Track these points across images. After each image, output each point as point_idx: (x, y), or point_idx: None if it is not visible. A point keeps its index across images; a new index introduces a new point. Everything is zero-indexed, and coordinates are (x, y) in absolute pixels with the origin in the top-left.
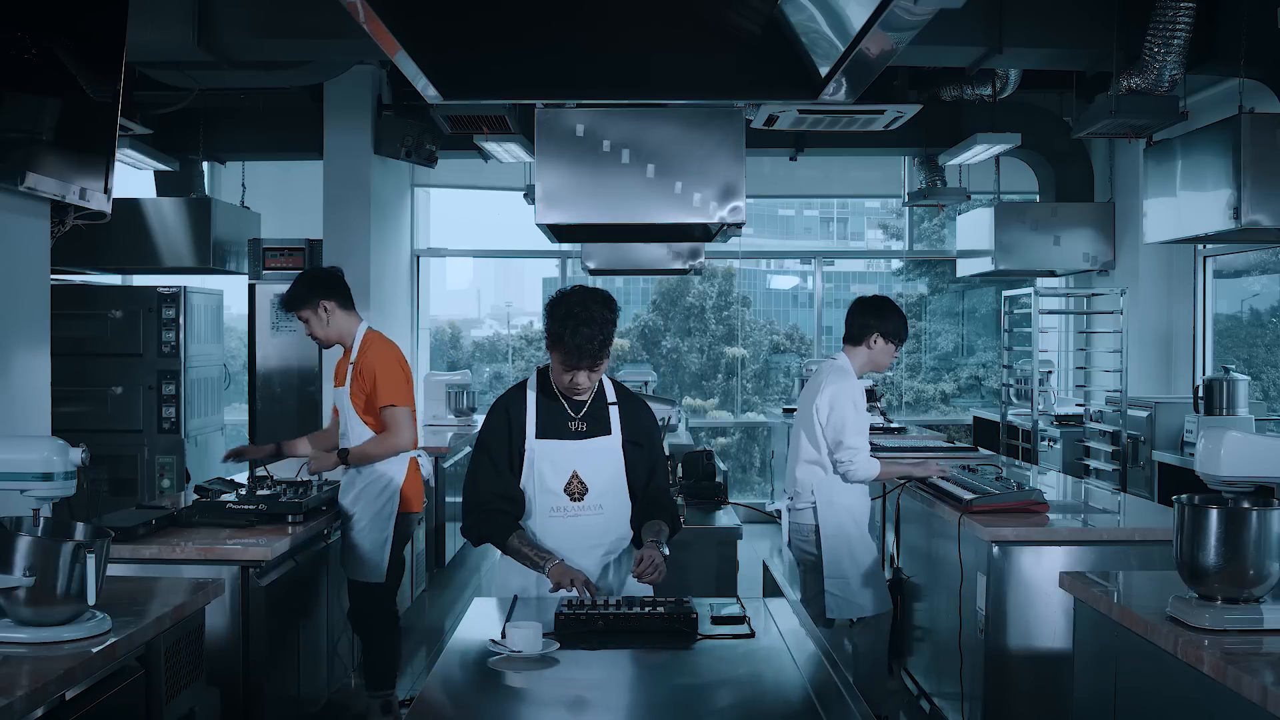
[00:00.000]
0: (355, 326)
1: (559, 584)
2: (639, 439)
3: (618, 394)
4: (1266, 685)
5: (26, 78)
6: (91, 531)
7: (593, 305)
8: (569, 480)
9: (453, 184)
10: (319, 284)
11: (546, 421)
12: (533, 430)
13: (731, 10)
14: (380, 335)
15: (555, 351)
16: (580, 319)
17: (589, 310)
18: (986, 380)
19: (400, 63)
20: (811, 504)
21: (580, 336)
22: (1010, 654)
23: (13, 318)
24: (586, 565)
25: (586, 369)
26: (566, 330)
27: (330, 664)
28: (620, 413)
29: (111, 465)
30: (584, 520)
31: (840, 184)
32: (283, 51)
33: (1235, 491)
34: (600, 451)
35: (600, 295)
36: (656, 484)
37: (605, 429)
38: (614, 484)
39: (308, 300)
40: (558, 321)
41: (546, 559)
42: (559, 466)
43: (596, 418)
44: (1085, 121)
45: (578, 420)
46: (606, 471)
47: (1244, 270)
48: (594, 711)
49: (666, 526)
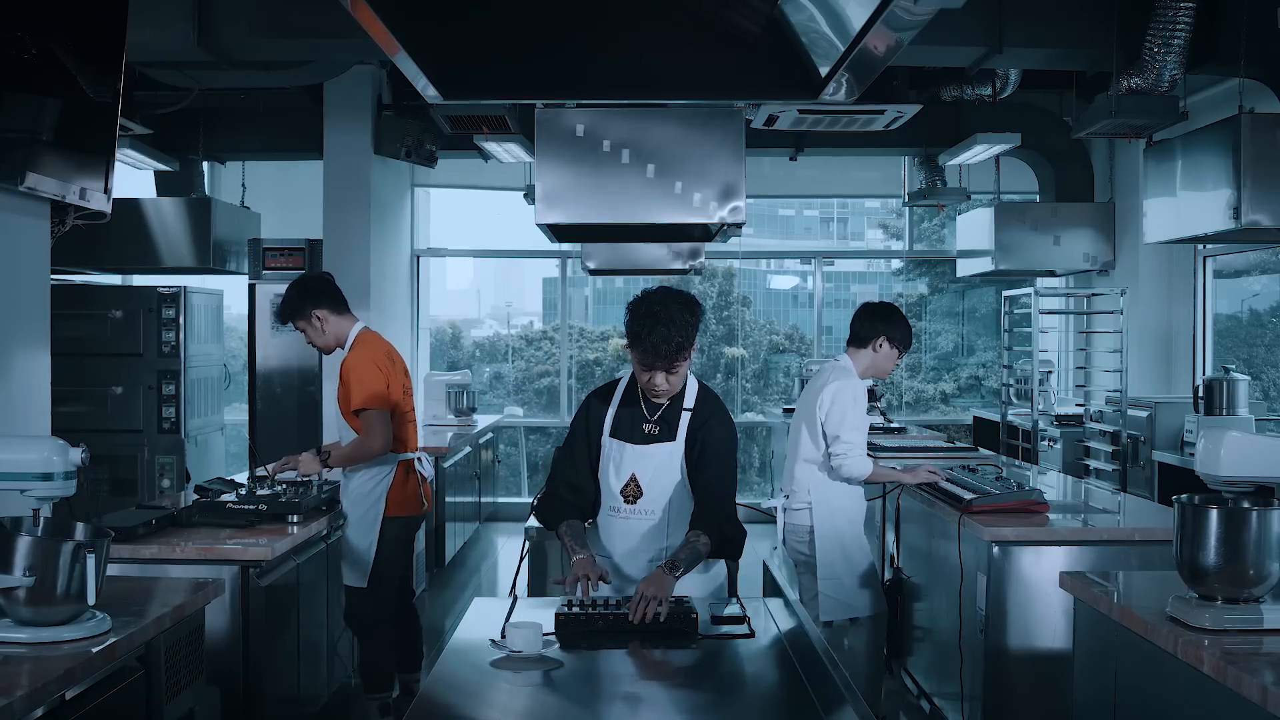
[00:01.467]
0: (349, 328)
1: (576, 577)
2: (702, 446)
3: (698, 399)
4: (1266, 685)
5: (26, 78)
6: (91, 531)
7: (673, 306)
8: (627, 482)
9: (453, 184)
10: (309, 293)
11: (623, 421)
12: (608, 428)
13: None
14: (369, 335)
15: (633, 350)
16: (659, 318)
17: (669, 310)
18: (986, 380)
19: (400, 63)
20: (807, 505)
21: (657, 336)
22: (1010, 654)
23: (13, 318)
24: (632, 569)
25: (663, 370)
26: (645, 329)
27: (330, 664)
28: (692, 419)
29: (111, 465)
30: (634, 523)
31: (840, 184)
32: (283, 51)
33: (1235, 491)
34: (661, 457)
35: (683, 297)
36: (715, 491)
37: (671, 435)
38: (671, 491)
39: (300, 311)
40: (637, 320)
41: (576, 552)
42: (621, 467)
43: (668, 422)
44: (1085, 121)
45: (651, 423)
46: (664, 478)
47: (1244, 270)
48: (594, 712)
49: (707, 541)
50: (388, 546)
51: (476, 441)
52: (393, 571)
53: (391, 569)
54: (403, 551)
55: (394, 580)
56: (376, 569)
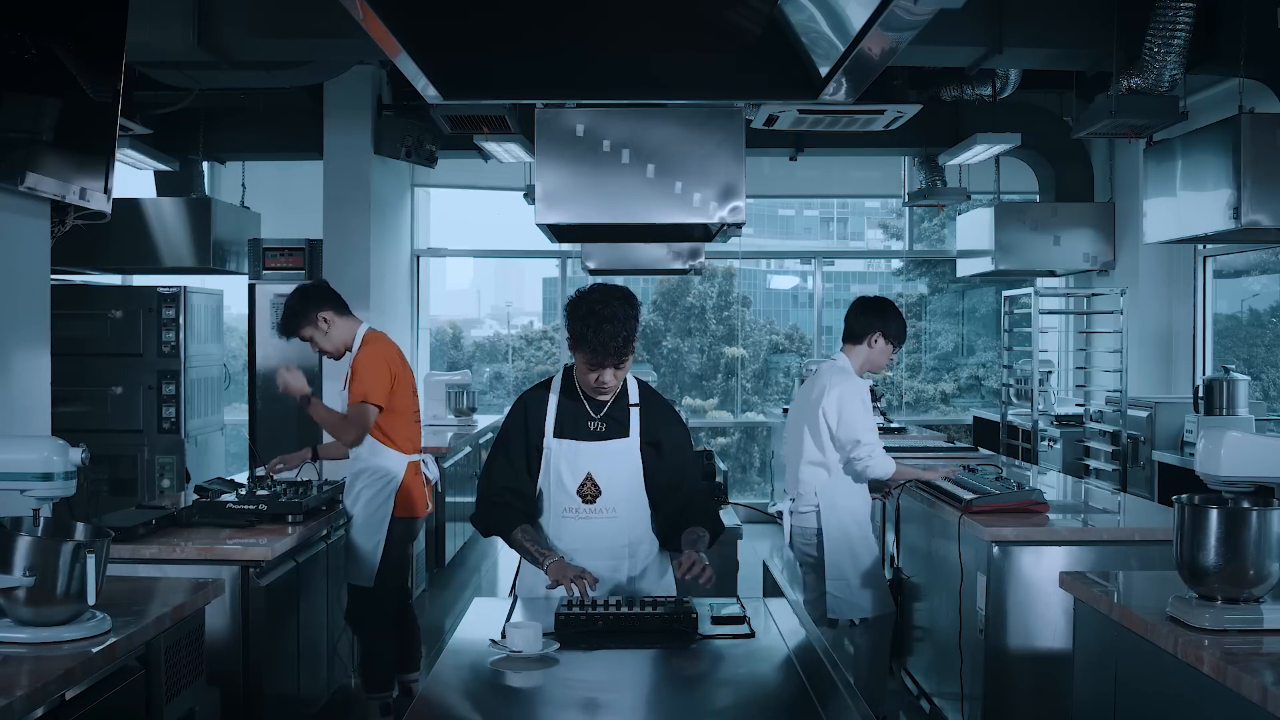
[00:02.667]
0: (355, 329)
1: (556, 581)
2: (658, 441)
3: (641, 395)
4: (1266, 685)
5: (26, 78)
6: (91, 531)
7: (614, 302)
8: (583, 482)
9: (453, 184)
10: (313, 298)
11: (565, 420)
12: (551, 429)
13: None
14: (379, 335)
15: (579, 351)
16: (602, 316)
17: (610, 307)
18: (986, 380)
19: (400, 63)
20: (815, 508)
21: (603, 334)
22: (1010, 654)
23: (13, 318)
24: (596, 568)
25: (611, 367)
26: (589, 329)
27: (330, 664)
28: (641, 414)
29: (111, 465)
30: (596, 523)
31: (840, 184)
32: (283, 51)
33: (1235, 491)
34: (616, 454)
35: (621, 292)
36: (691, 487)
37: (624, 431)
38: (629, 488)
39: (305, 316)
40: (579, 320)
41: (546, 556)
42: (574, 467)
43: (616, 419)
44: (1085, 121)
45: (597, 421)
46: (622, 475)
47: (1244, 270)
48: (594, 712)
49: (707, 534)
50: (394, 547)
51: (476, 441)
52: (397, 572)
53: (396, 569)
54: (407, 553)
55: (398, 581)
56: (382, 569)
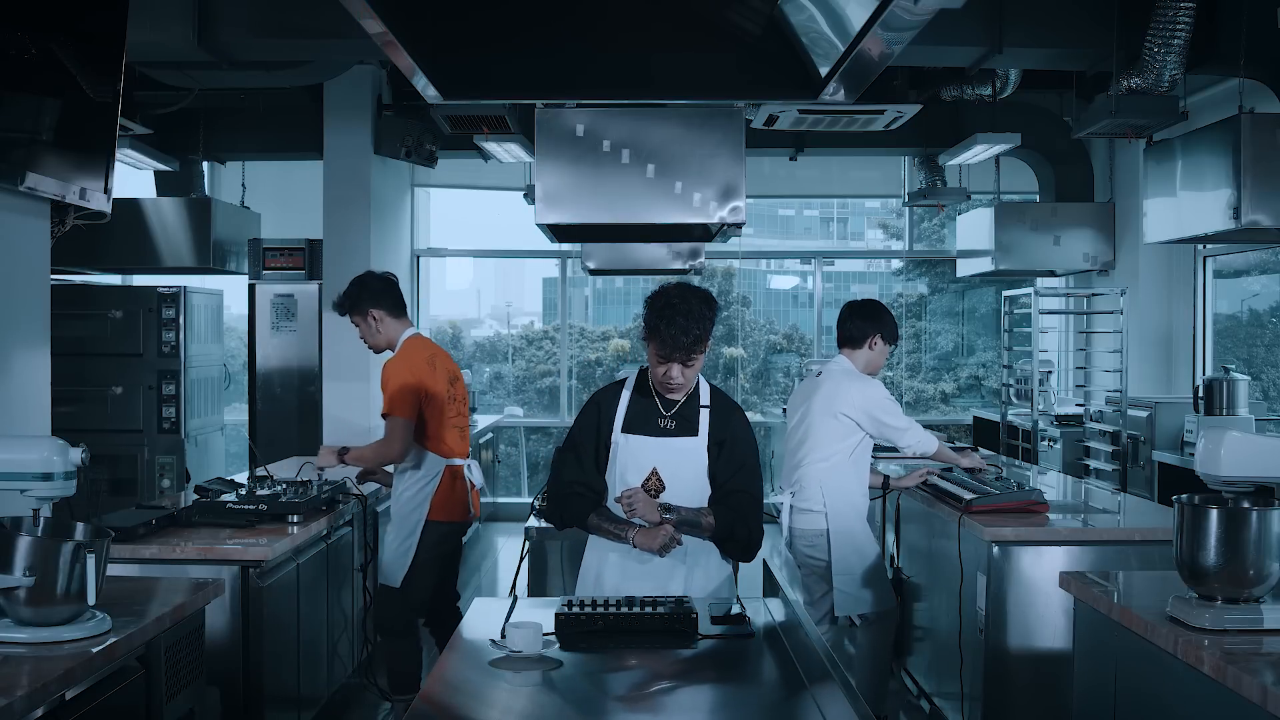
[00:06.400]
0: (401, 332)
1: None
2: (724, 439)
3: (713, 398)
4: (1266, 685)
5: (26, 78)
6: (91, 531)
7: (692, 299)
8: (648, 477)
9: (453, 184)
10: (370, 292)
11: (636, 417)
12: (620, 424)
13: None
14: (415, 341)
15: (651, 342)
16: (678, 310)
17: (688, 303)
18: (986, 380)
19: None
20: (821, 507)
21: (675, 327)
22: (1010, 654)
23: (13, 318)
24: (656, 564)
25: (680, 362)
26: (663, 321)
27: (330, 664)
28: (711, 416)
29: (111, 465)
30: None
31: (840, 184)
32: (283, 51)
33: (1235, 491)
34: (683, 451)
35: (701, 293)
36: (741, 486)
37: (693, 430)
38: (694, 486)
39: (358, 306)
40: (655, 312)
41: (629, 529)
42: (640, 462)
43: (686, 418)
44: (1085, 121)
45: (667, 418)
46: (687, 472)
47: (1244, 270)
48: (594, 712)
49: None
50: (426, 550)
51: (477, 442)
52: (427, 576)
53: (427, 573)
54: (445, 556)
55: (428, 584)
56: (411, 572)
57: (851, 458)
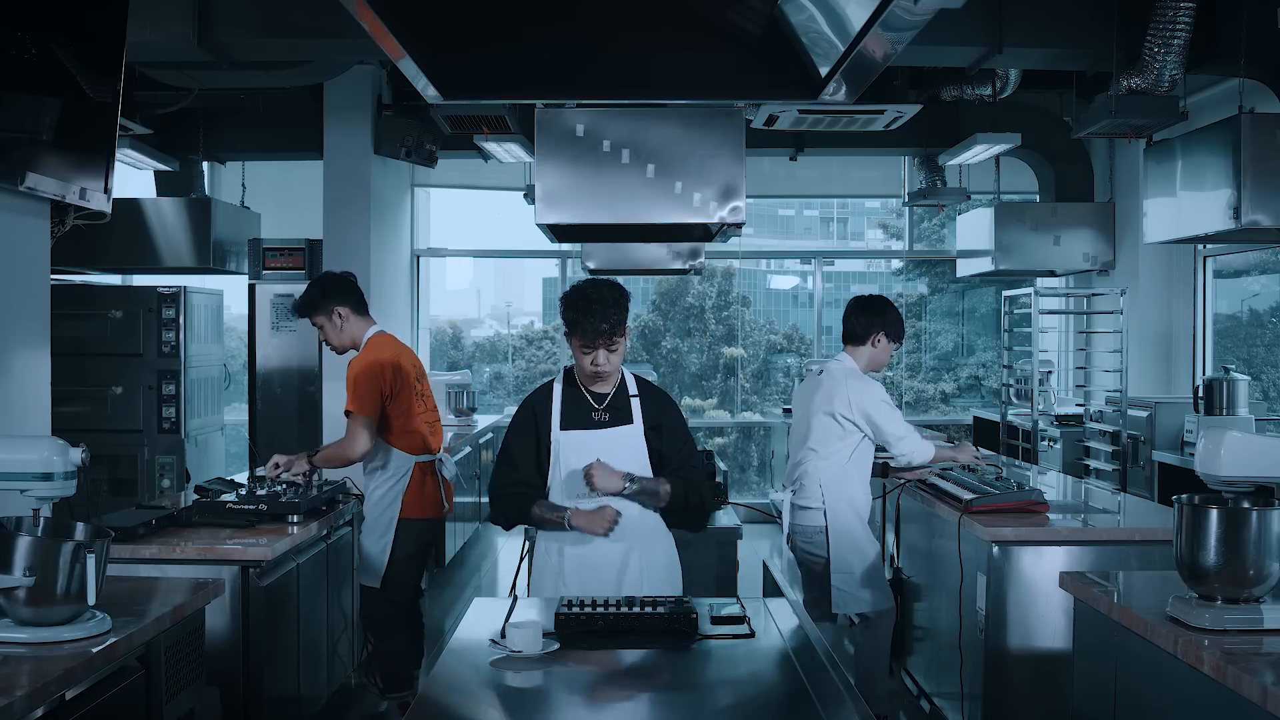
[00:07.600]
0: (365, 330)
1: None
2: (660, 424)
3: (639, 386)
4: (1266, 685)
5: (26, 78)
6: (91, 531)
7: (604, 289)
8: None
9: (453, 184)
10: (333, 289)
11: (570, 414)
12: (557, 422)
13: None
14: (379, 340)
15: (574, 337)
16: (593, 300)
17: (599, 292)
18: (986, 380)
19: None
20: (820, 504)
21: (594, 316)
22: (1010, 654)
23: (13, 318)
24: (610, 554)
25: (604, 347)
26: (580, 314)
27: (330, 664)
28: (641, 403)
29: (111, 465)
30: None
31: (840, 184)
32: (283, 51)
33: (1235, 491)
34: (623, 439)
35: (612, 283)
36: (686, 462)
37: (627, 418)
38: (636, 471)
39: (321, 306)
40: (572, 308)
41: (564, 512)
42: (583, 455)
43: (619, 408)
44: (1085, 121)
45: (600, 411)
46: (629, 460)
47: (1244, 270)
48: (594, 712)
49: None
50: (403, 548)
51: (477, 441)
52: (408, 573)
53: (407, 570)
54: (420, 553)
55: (410, 581)
56: (391, 570)
57: (852, 458)
